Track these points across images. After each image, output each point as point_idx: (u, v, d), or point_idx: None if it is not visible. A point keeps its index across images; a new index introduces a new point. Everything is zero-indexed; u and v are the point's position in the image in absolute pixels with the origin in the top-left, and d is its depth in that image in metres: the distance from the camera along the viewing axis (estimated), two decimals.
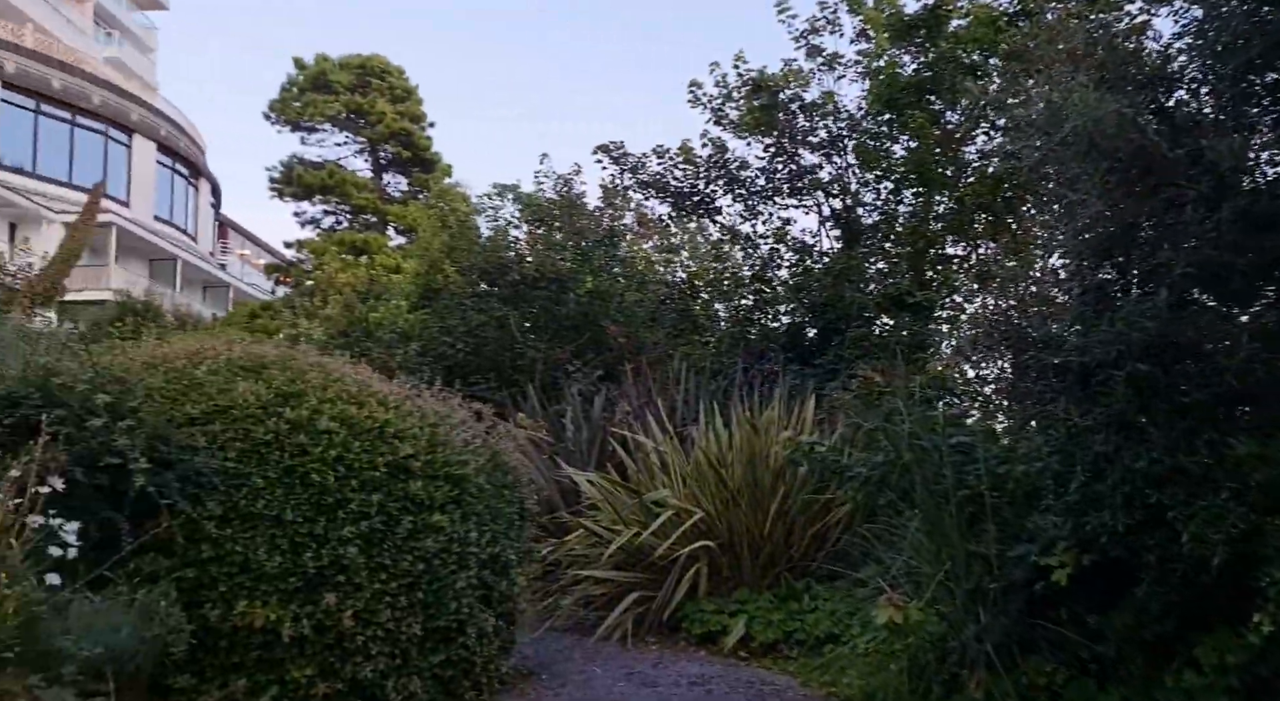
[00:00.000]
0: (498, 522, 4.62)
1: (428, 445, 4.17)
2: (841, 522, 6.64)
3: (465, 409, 5.22)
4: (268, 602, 3.55)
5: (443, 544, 4.08)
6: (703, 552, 6.41)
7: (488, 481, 4.61)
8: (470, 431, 4.80)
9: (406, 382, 4.81)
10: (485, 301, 12.08)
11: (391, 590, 3.86)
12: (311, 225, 30.81)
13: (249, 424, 3.74)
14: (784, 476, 6.54)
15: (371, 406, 4.10)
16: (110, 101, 29.15)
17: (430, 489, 4.08)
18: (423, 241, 13.60)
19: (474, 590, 4.27)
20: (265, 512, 3.61)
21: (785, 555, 6.56)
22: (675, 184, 10.44)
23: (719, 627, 6.06)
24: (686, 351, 10.07)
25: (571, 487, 7.70)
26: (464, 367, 11.86)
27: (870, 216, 9.85)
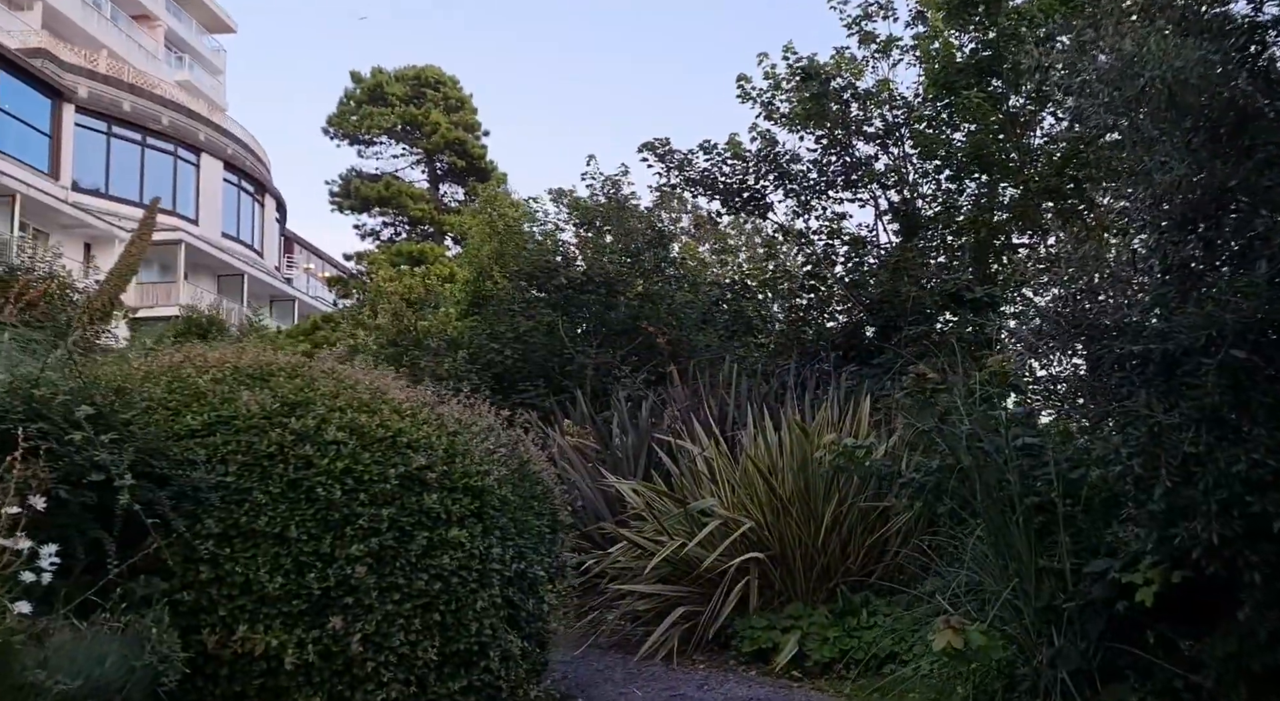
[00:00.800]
0: (525, 537, 4.34)
1: (445, 455, 3.91)
2: (901, 532, 6.20)
3: (493, 415, 4.98)
4: (270, 627, 3.32)
5: (461, 560, 3.81)
6: (752, 565, 6.04)
7: (513, 493, 4.34)
8: (496, 439, 4.53)
9: (432, 389, 4.57)
10: (533, 307, 11.89)
11: (405, 612, 3.60)
12: (371, 237, 31.26)
13: (251, 435, 3.53)
14: (838, 483, 6.14)
15: (384, 414, 3.86)
16: (178, 122, 30.01)
17: (447, 502, 3.82)
18: (471, 248, 13.49)
19: (498, 610, 3.99)
20: (267, 530, 3.38)
21: (841, 567, 6.15)
22: (724, 180, 10.09)
23: (770, 645, 5.68)
24: (741, 354, 9.70)
25: (618, 497, 7.41)
26: (512, 374, 11.69)
27: (930, 208, 9.35)
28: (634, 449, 8.21)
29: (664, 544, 6.13)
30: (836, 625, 5.65)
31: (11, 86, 24.08)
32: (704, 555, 6.04)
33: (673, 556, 6.07)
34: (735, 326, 11.23)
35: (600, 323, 12.21)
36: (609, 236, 12.81)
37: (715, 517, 6.18)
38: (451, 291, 14.03)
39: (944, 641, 3.19)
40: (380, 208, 30.88)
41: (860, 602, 5.83)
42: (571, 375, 11.57)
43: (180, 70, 37.40)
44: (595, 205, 12.96)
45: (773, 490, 6.15)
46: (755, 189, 10.13)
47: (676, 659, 5.73)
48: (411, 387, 4.44)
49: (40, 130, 25.44)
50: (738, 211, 10.29)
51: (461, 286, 13.39)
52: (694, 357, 10.43)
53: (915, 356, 7.94)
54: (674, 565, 6.20)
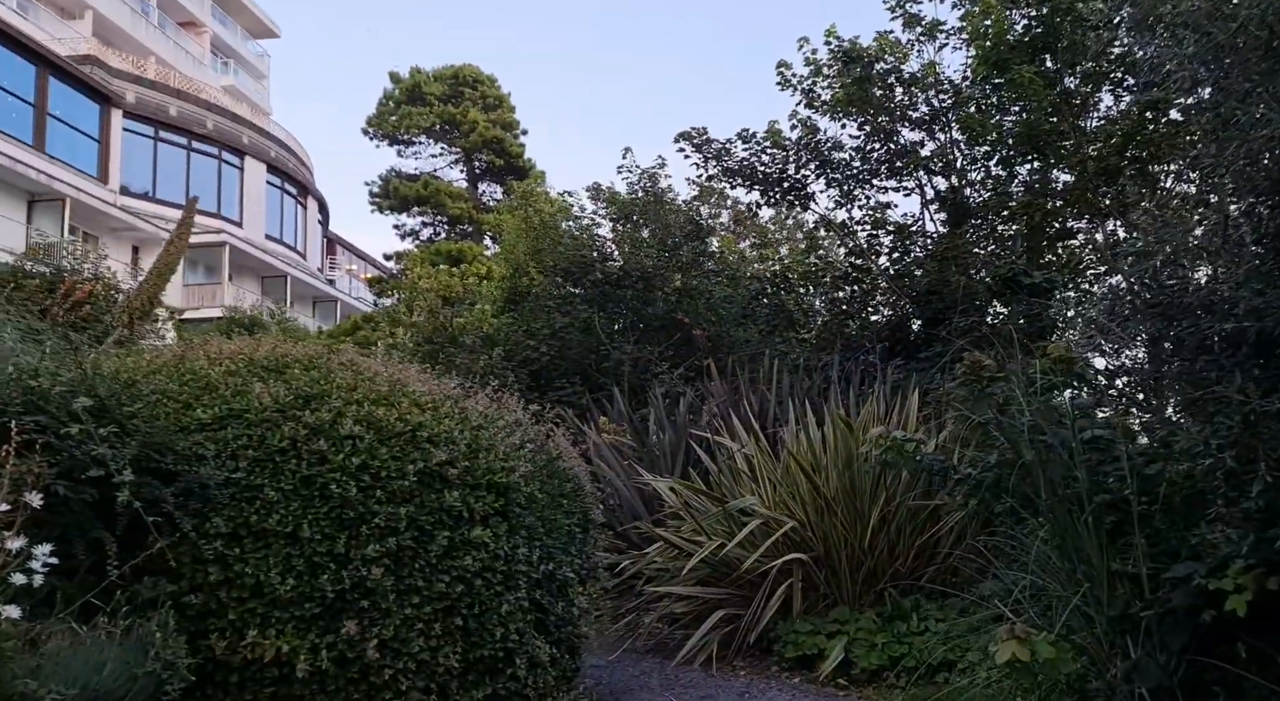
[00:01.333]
0: (553, 536, 4.12)
1: (468, 450, 3.70)
2: (953, 532, 5.88)
3: (521, 410, 4.77)
4: (282, 632, 3.14)
5: (485, 562, 3.60)
6: (795, 566, 5.77)
7: (541, 490, 4.12)
8: (524, 434, 4.32)
9: (458, 383, 4.37)
10: (569, 303, 11.71)
11: (425, 616, 3.40)
12: (411, 237, 31.40)
13: (263, 429, 3.35)
14: (885, 480, 5.84)
15: (403, 408, 3.67)
16: (223, 126, 30.41)
17: (470, 500, 3.61)
18: (506, 244, 13.35)
19: (524, 614, 3.77)
20: (279, 529, 3.20)
21: (889, 569, 5.85)
22: (763, 169, 9.79)
23: (814, 651, 5.40)
24: (782, 350, 9.41)
25: (655, 495, 7.17)
26: (549, 372, 11.52)
27: (979, 194, 8.96)
28: (671, 446, 7.97)
29: (702, 544, 5.88)
30: (885, 630, 5.35)
31: (62, 92, 24.55)
32: (744, 556, 5.78)
33: (711, 557, 5.82)
34: (776, 321, 10.92)
35: (637, 318, 11.99)
36: (646, 231, 12.59)
37: (756, 517, 5.92)
38: (487, 289, 13.90)
39: (1008, 652, 2.89)
40: (419, 207, 30.98)
41: (910, 606, 5.52)
42: (608, 372, 11.36)
43: (225, 75, 37.96)
44: (632, 199, 12.75)
45: (816, 488, 5.87)
46: (796, 178, 9.81)
47: (716, 664, 5.48)
48: (434, 380, 4.24)
49: (90, 135, 25.92)
50: (778, 202, 9.97)
51: (497, 283, 13.25)
52: (733, 353, 10.16)
53: (965, 349, 7.59)
54: (713, 566, 5.95)
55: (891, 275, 9.44)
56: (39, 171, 22.43)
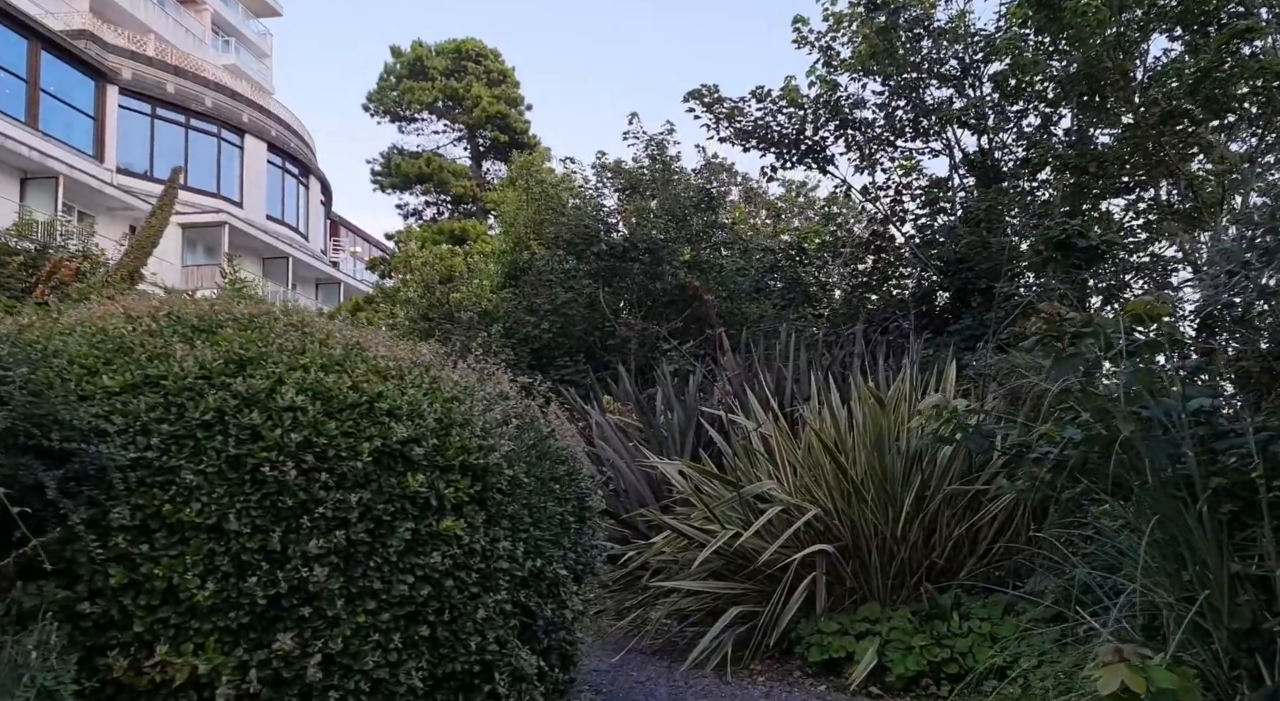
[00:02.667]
0: (543, 527, 3.52)
1: (438, 426, 3.09)
2: (997, 521, 5.26)
3: (509, 383, 4.17)
4: (201, 647, 2.54)
5: (457, 558, 3.00)
6: (819, 558, 5.16)
7: (529, 473, 3.51)
8: (510, 409, 3.71)
9: (432, 349, 3.77)
10: (572, 278, 11.08)
11: (382, 624, 2.80)
12: (415, 217, 30.73)
13: (183, 399, 2.75)
14: (920, 462, 5.22)
15: (360, 374, 3.06)
16: (222, 103, 29.77)
17: (439, 484, 3.01)
18: (507, 217, 12.72)
19: (506, 619, 3.18)
20: (199, 521, 2.60)
21: (925, 562, 5.24)
22: (778, 130, 9.11)
23: (842, 654, 4.80)
24: (799, 327, 8.77)
25: (662, 479, 6.57)
26: (551, 350, 10.92)
27: (1014, 153, 8.27)
28: (681, 426, 7.36)
29: (715, 533, 5.28)
30: (922, 631, 4.74)
31: (55, 68, 23.94)
32: (762, 547, 5.18)
33: (725, 548, 5.22)
34: (791, 295, 10.28)
35: (645, 293, 11.36)
36: (654, 201, 11.94)
37: (774, 503, 5.31)
38: (486, 264, 13.29)
39: (1115, 681, 2.26)
40: (421, 185, 30.30)
41: (949, 604, 4.91)
42: (614, 349, 10.75)
43: (227, 54, 37.26)
44: (638, 168, 12.09)
45: (842, 471, 5.26)
46: (814, 140, 9.14)
47: (731, 668, 4.89)
48: (402, 343, 3.64)
49: (85, 112, 25.32)
50: (794, 165, 9.30)
51: (497, 257, 12.63)
52: (747, 329, 9.53)
53: (1005, 319, 6.94)
54: (727, 558, 5.35)
55: (918, 243, 8.78)
56: (31, 149, 21.86)
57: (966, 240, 7.22)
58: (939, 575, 5.33)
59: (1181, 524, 2.56)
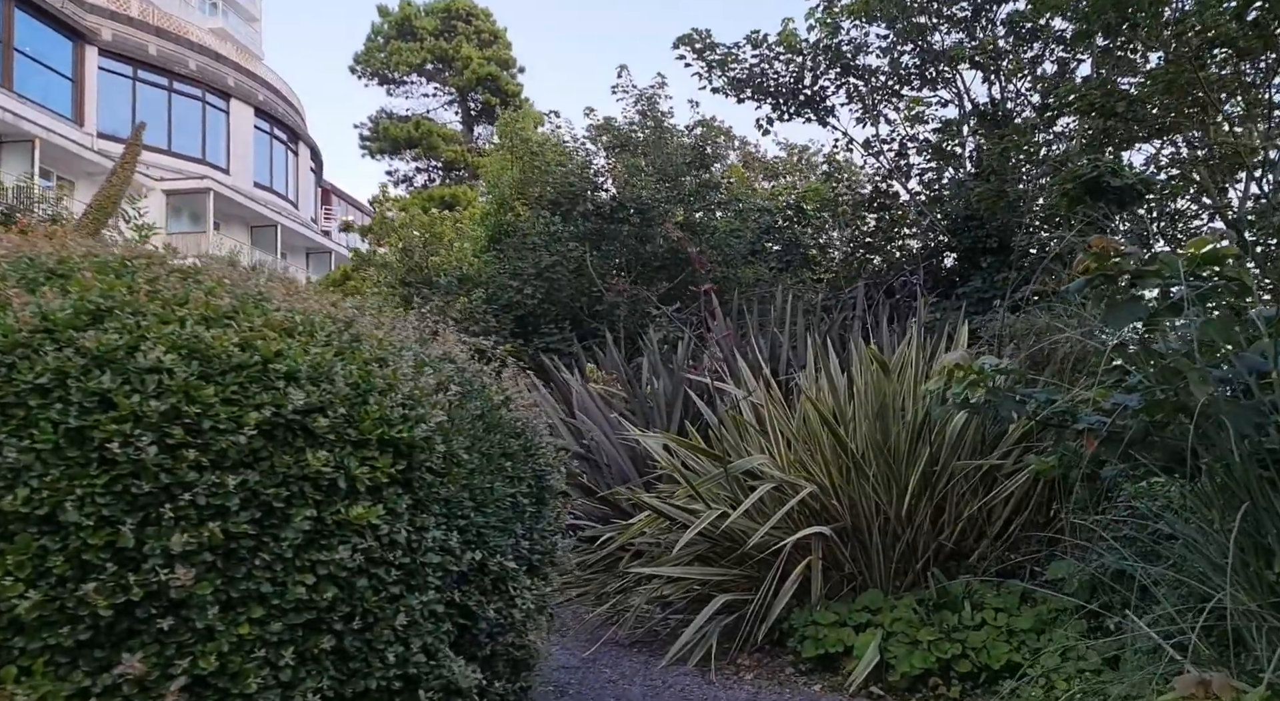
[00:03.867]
0: (487, 512, 2.99)
1: (351, 392, 2.54)
2: (1013, 500, 4.74)
3: (458, 344, 3.65)
4: (27, 672, 2.01)
5: (373, 552, 2.47)
6: (815, 541, 4.64)
7: (472, 448, 2.97)
8: (453, 373, 3.17)
9: (360, 305, 3.21)
10: (558, 240, 10.50)
11: (271, 635, 2.27)
12: (405, 184, 29.98)
13: (13, 358, 2.20)
14: (928, 434, 4.68)
15: (251, 329, 2.50)
16: (207, 67, 28.94)
17: (350, 463, 2.47)
18: (490, 176, 12.09)
19: (437, 623, 2.65)
20: (25, 511, 2.06)
21: (932, 544, 4.72)
22: (775, 78, 8.48)
23: (839, 648, 4.29)
24: (796, 291, 8.21)
25: (647, 453, 6.05)
26: (536, 317, 10.37)
27: (1029, 100, 7.65)
28: (667, 396, 6.82)
29: (699, 513, 4.76)
30: (929, 623, 4.23)
31: (29, 26, 23.13)
32: (752, 528, 4.67)
33: (711, 530, 4.70)
34: (789, 258, 9.72)
35: (634, 257, 10.79)
36: (645, 160, 11.31)
37: (766, 480, 4.79)
38: (469, 227, 12.69)
39: None
40: (411, 150, 29.50)
41: (960, 592, 4.39)
42: (601, 316, 10.21)
43: (214, 17, 36.29)
44: (629, 125, 11.45)
45: (841, 444, 4.72)
46: (813, 89, 8.51)
47: (715, 663, 4.38)
48: (318, 294, 3.09)
49: (62, 73, 24.53)
50: (792, 116, 8.67)
51: (480, 220, 12.03)
52: (741, 293, 8.98)
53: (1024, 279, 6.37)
54: (713, 541, 4.84)
55: (924, 201, 8.19)
56: (4, 110, 21.13)
57: (980, 190, 6.61)
58: (947, 559, 4.83)
59: (1272, 508, 2.03)
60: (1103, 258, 2.11)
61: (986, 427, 4.93)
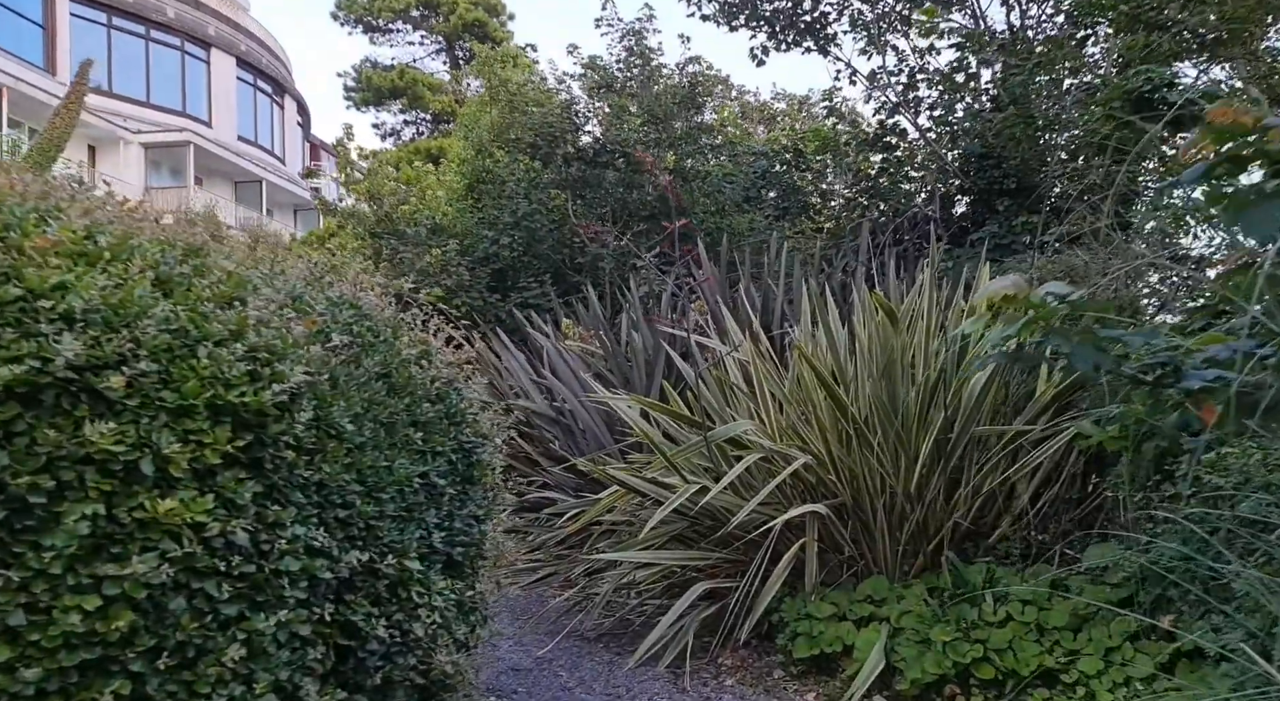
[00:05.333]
0: (382, 499, 2.31)
1: (169, 340, 1.85)
2: (1040, 471, 4.06)
3: (374, 292, 2.97)
4: None
5: (197, 561, 1.80)
6: (810, 520, 3.98)
7: (362, 417, 2.29)
8: (342, 320, 2.49)
9: (210, 227, 2.52)
10: (537, 187, 9.73)
11: (26, 687, 1.60)
12: (392, 137, 29.00)
13: None
14: (942, 396, 3.99)
15: (20, 251, 1.80)
16: (184, 14, 27.82)
17: (161, 438, 1.78)
18: (466, 119, 11.27)
19: (298, 651, 1.99)
20: None
21: (946, 524, 4.05)
22: (772, 1, 7.65)
23: (838, 647, 3.64)
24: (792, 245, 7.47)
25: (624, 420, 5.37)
26: (515, 270, 9.64)
27: (1053, 22, 6.84)
28: (647, 354, 6.12)
29: (675, 488, 4.08)
30: (944, 619, 3.57)
31: None
32: (736, 505, 4.00)
33: (689, 506, 4.03)
34: (786, 204, 8.96)
35: (621, 206, 10.02)
36: (633, 104, 10.50)
37: (753, 449, 4.11)
38: (445, 175, 11.90)
39: None
40: (396, 100, 28.46)
41: (981, 578, 3.74)
42: (584, 269, 9.48)
43: None
44: (615, 63, 10.61)
45: (841, 408, 4.04)
46: (813, 15, 7.69)
47: (692, 664, 3.74)
48: (178, 227, 2.38)
49: (31, 19, 23.50)
50: (790, 46, 7.86)
51: (457, 166, 11.24)
52: (735, 243, 8.25)
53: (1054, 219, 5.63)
54: (691, 519, 4.17)
55: (935, 138, 7.42)
56: None
57: (1003, 118, 5.83)
58: (962, 540, 4.17)
59: None
60: (1230, 133, 1.42)
61: (1011, 388, 4.25)
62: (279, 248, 2.91)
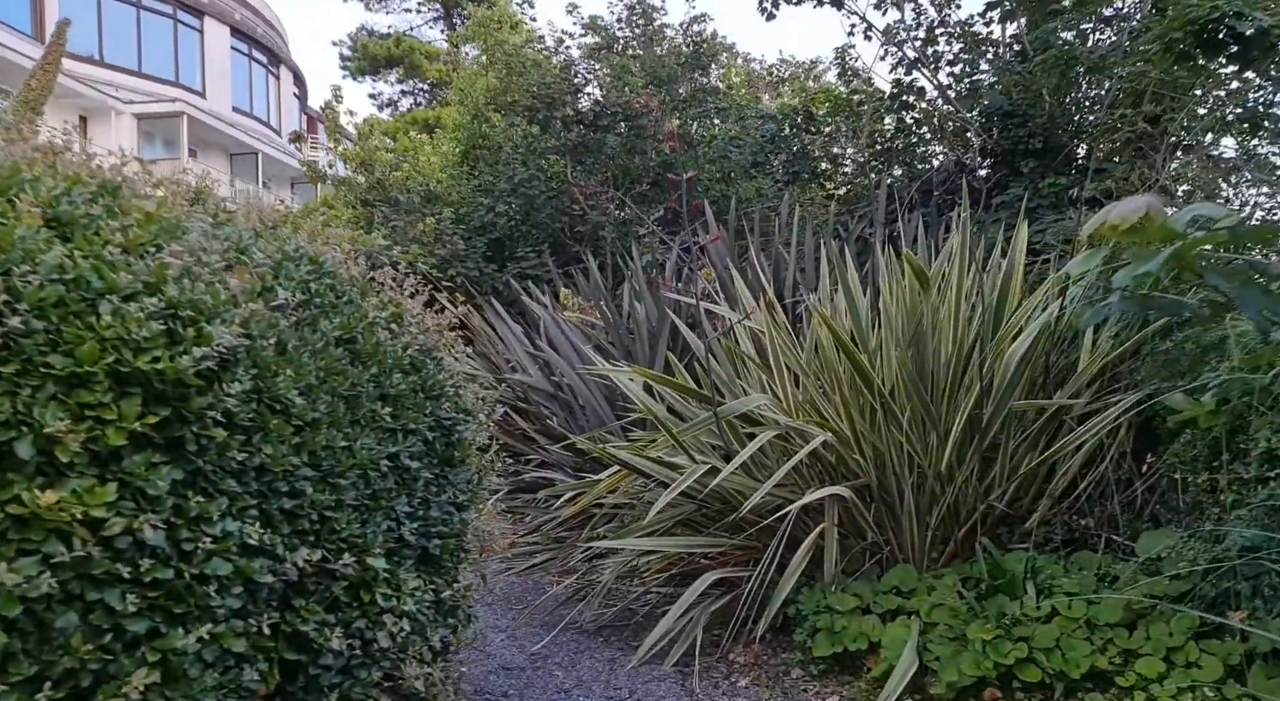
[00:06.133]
0: (340, 485, 1.95)
1: (62, 292, 1.49)
2: (1083, 449, 3.69)
3: (341, 252, 2.63)
4: None
5: (93, 567, 1.44)
6: (830, 504, 3.62)
7: (315, 390, 1.93)
8: (307, 277, 2.13)
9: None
10: (535, 152, 9.30)
11: None
12: (390, 108, 28.42)
13: None
14: (975, 365, 3.62)
15: None
16: None
17: (41, 414, 1.42)
18: (461, 83, 10.82)
19: (231, 671, 1.66)
20: None
21: (980, 506, 3.70)
22: None
23: (863, 645, 3.30)
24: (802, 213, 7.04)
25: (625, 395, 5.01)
26: (512, 239, 9.24)
27: None
28: (650, 324, 5.75)
29: (681, 468, 3.72)
30: (982, 614, 3.22)
31: None
32: (749, 487, 3.65)
33: (697, 488, 3.68)
34: (795, 169, 8.52)
35: (622, 173, 9.60)
36: (636, 65, 10.04)
37: (767, 426, 3.75)
38: (440, 144, 11.47)
39: None
40: (393, 69, 27.83)
41: (1022, 568, 3.38)
42: (584, 238, 9.07)
43: None
44: (616, 22, 10.15)
45: (865, 378, 3.67)
46: None
47: (701, 661, 3.40)
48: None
49: None
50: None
51: (452, 132, 10.81)
52: (739, 206, 7.84)
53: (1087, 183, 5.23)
54: (700, 502, 3.82)
55: (955, 95, 6.99)
56: None
57: (1041, 58, 5.38)
58: (995, 525, 3.81)
59: None
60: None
61: (1050, 358, 3.88)
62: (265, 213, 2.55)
